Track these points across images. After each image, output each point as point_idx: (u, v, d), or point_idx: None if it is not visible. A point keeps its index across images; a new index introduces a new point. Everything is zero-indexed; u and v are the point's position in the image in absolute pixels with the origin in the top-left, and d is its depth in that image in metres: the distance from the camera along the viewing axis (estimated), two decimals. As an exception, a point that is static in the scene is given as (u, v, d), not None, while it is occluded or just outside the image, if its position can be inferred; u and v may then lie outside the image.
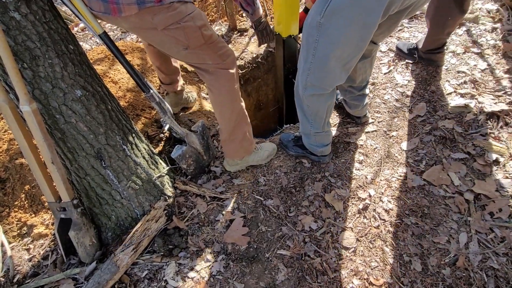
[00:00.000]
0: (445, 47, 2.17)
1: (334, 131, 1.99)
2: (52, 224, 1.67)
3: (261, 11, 1.62)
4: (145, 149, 1.60)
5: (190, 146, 1.65)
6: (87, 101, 1.29)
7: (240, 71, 2.75)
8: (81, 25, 3.64)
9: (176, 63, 1.93)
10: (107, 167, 1.42)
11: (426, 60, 2.24)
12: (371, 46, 1.53)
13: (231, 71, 1.44)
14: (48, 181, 1.33)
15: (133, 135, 1.53)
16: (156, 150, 1.92)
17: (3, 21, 1.03)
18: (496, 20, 2.48)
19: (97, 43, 3.35)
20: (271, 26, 1.83)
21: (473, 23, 2.48)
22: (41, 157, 1.28)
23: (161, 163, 1.70)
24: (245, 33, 3.01)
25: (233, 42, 2.92)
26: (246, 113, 1.63)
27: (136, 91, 2.15)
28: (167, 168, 1.72)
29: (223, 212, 1.62)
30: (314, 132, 1.64)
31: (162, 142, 1.97)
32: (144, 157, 1.57)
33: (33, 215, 1.69)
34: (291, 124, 2.18)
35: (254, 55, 2.79)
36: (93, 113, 1.32)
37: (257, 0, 1.57)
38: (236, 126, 1.58)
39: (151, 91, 1.48)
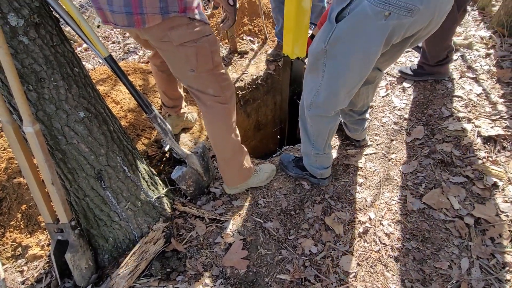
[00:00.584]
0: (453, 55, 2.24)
1: (333, 153, 2.00)
2: (48, 245, 1.64)
3: None
4: (145, 170, 1.60)
5: (190, 167, 1.65)
6: (89, 123, 1.30)
7: (240, 92, 2.79)
8: (84, 45, 3.71)
9: (181, 89, 1.96)
10: (106, 188, 1.42)
11: (435, 74, 2.31)
12: (375, 72, 1.56)
13: (228, 106, 1.45)
14: (47, 202, 1.32)
15: (134, 155, 1.53)
16: (156, 171, 1.92)
17: (11, 45, 1.06)
18: (489, 46, 2.55)
19: (100, 63, 3.41)
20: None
21: (468, 49, 2.56)
22: (40, 177, 1.28)
23: (160, 184, 1.69)
24: (245, 55, 3.08)
25: (233, 64, 2.98)
26: (242, 146, 1.63)
27: (137, 111, 2.17)
28: (167, 189, 1.71)
29: (222, 235, 1.60)
30: (315, 153, 1.64)
31: (162, 162, 1.97)
32: (144, 178, 1.56)
33: (29, 236, 1.67)
34: (291, 146, 2.19)
35: (254, 77, 2.84)
36: (95, 134, 1.33)
37: None
38: (231, 158, 1.60)
39: (154, 112, 1.50)
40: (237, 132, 1.58)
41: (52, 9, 1.17)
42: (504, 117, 1.99)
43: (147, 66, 2.75)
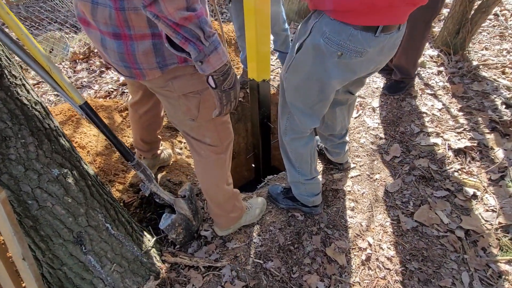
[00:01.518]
0: None
1: (320, 178, 1.99)
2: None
3: (223, 58, 0.86)
4: (128, 222, 1.43)
5: (179, 213, 1.51)
6: (65, 180, 1.13)
7: (213, 122, 2.70)
8: (29, 82, 3.37)
9: (159, 132, 1.83)
10: (88, 252, 1.23)
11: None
12: (346, 95, 1.60)
13: (224, 156, 1.35)
14: (15, 282, 1.09)
15: (115, 209, 1.36)
16: (136, 219, 1.74)
17: (-32, 102, 0.88)
18: (439, 64, 2.80)
19: (50, 101, 3.12)
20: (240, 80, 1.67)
21: (421, 67, 2.77)
22: (8, 254, 1.06)
23: (145, 236, 1.52)
24: (213, 84, 3.02)
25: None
26: (234, 191, 1.54)
27: (106, 154, 1.97)
28: (153, 240, 1.54)
29: (222, 284, 1.46)
30: (303, 180, 1.62)
31: (141, 208, 1.79)
32: (128, 233, 1.39)
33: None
34: (275, 175, 2.14)
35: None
36: (72, 193, 1.15)
37: (213, 39, 0.82)
38: (224, 203, 1.51)
39: (136, 159, 1.36)
40: (230, 180, 1.49)
41: (15, 56, 1.02)
42: (467, 129, 2.15)
43: (106, 101, 2.55)
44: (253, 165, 3.09)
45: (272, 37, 2.77)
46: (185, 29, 0.77)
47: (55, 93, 3.29)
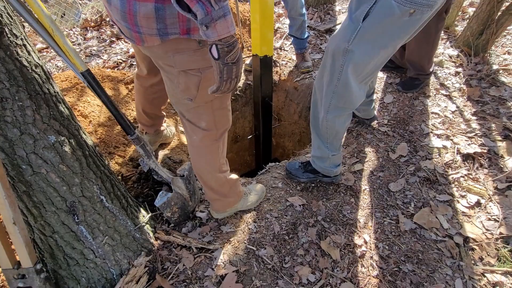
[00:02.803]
0: None
1: (321, 170, 1.95)
2: (2, 289, 1.38)
3: (231, 28, 0.81)
4: (124, 196, 1.41)
5: (176, 192, 1.49)
6: (61, 148, 1.10)
7: (219, 104, 2.65)
8: (38, 46, 3.33)
9: (163, 108, 1.79)
10: (80, 223, 1.21)
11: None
12: None
13: (217, 143, 1.31)
14: (6, 245, 1.09)
15: (112, 182, 1.34)
16: (132, 194, 1.73)
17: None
18: (457, 64, 2.70)
19: (58, 67, 3.08)
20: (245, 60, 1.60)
21: (439, 67, 2.68)
22: (-1, 216, 1.05)
23: (140, 211, 1.51)
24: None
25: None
26: (229, 177, 1.50)
27: (108, 125, 1.95)
28: (148, 216, 1.53)
29: (213, 266, 1.46)
30: (331, 155, 1.66)
31: (139, 183, 1.78)
32: (123, 207, 1.38)
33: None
34: (277, 163, 2.10)
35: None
36: (68, 161, 1.13)
37: (224, 5, 0.78)
38: (218, 188, 1.48)
39: (136, 133, 1.32)
40: (225, 167, 1.44)
41: (17, 14, 0.97)
42: (479, 134, 2.08)
43: (114, 72, 2.51)
44: (254, 151, 3.08)
45: (288, 21, 2.68)
46: None
47: (63, 59, 3.26)
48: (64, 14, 3.84)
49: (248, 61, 2.85)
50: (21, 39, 0.98)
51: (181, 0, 0.77)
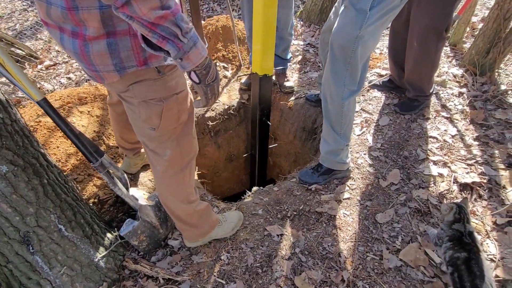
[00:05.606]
0: None
1: (306, 198, 1.86)
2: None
3: (202, 52, 0.83)
4: (89, 224, 1.38)
5: (143, 221, 1.44)
6: (14, 178, 1.09)
7: (211, 123, 2.63)
8: (46, 63, 3.45)
9: None
10: (35, 253, 1.19)
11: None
12: None
13: (183, 172, 1.26)
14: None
15: (75, 209, 1.32)
16: (107, 217, 1.70)
17: None
18: (462, 84, 2.55)
19: (61, 83, 3.16)
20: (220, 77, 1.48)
21: (441, 87, 2.54)
22: None
23: (108, 239, 1.47)
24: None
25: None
26: (199, 208, 1.43)
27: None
28: (116, 243, 1.49)
29: (178, 300, 1.39)
30: (344, 146, 1.78)
31: (115, 207, 1.75)
32: (86, 235, 1.34)
33: None
34: (261, 188, 2.03)
35: (226, 107, 2.69)
36: (21, 191, 1.11)
37: (191, 35, 0.79)
38: (184, 219, 1.42)
39: (99, 159, 1.30)
40: (192, 196, 1.37)
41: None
42: (479, 161, 1.94)
43: (86, 89, 2.52)
44: (249, 171, 3.01)
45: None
46: (162, 28, 0.74)
47: (68, 75, 3.35)
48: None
49: (243, 80, 2.82)
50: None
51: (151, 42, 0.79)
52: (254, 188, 2.02)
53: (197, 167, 2.52)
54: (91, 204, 1.60)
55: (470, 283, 1.20)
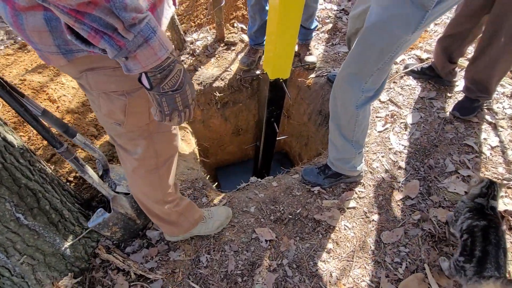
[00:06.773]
0: None
1: (306, 200, 1.66)
2: None
3: (160, 52, 0.59)
4: (56, 210, 1.26)
5: (115, 212, 1.31)
6: (-43, 163, 0.94)
7: (218, 94, 2.38)
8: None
9: None
10: (-11, 242, 1.08)
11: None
12: None
13: (159, 172, 1.05)
14: None
15: (41, 194, 1.18)
16: (89, 195, 1.58)
17: None
18: (518, 82, 2.13)
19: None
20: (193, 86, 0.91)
21: (491, 83, 2.13)
22: None
23: (80, 224, 1.36)
24: (233, 48, 2.63)
25: (217, 56, 2.54)
26: (178, 207, 1.25)
27: (80, 112, 1.78)
28: (87, 229, 1.38)
29: (146, 301, 1.29)
30: (357, 153, 1.53)
31: (97, 184, 1.62)
32: (52, 222, 1.23)
33: None
34: (258, 179, 1.83)
35: (238, 77, 2.41)
36: (-33, 178, 0.97)
37: (142, 27, 0.55)
38: (164, 217, 1.25)
39: (64, 145, 1.12)
40: (170, 197, 1.18)
41: None
42: (519, 185, 1.63)
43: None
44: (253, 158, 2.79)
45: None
46: (92, 17, 0.51)
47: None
48: None
49: (241, 56, 2.48)
50: None
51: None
52: (252, 179, 1.83)
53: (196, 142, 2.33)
54: (67, 184, 1.47)
55: (481, 248, 1.15)
